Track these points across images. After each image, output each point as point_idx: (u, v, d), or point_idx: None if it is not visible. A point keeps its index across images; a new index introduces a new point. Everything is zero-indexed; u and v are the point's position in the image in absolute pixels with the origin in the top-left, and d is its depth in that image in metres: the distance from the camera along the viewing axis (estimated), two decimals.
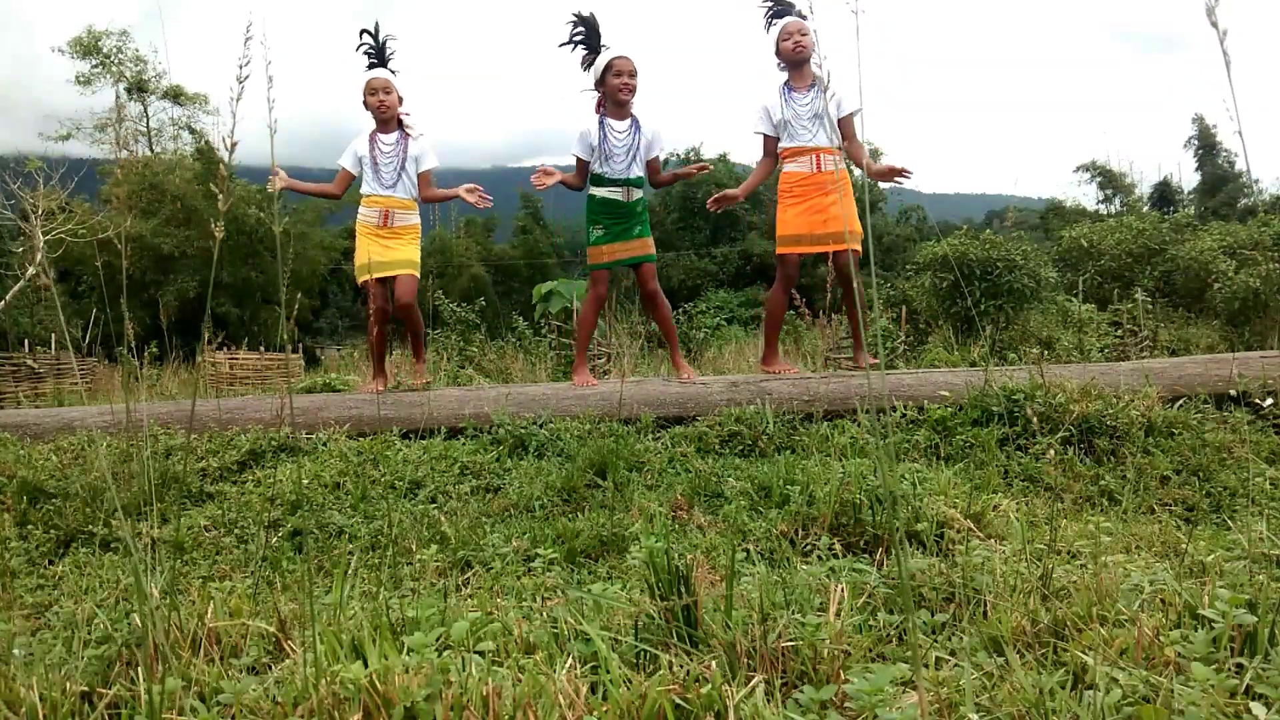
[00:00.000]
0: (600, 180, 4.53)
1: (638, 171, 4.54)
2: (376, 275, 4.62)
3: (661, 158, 4.71)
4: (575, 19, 4.52)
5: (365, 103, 4.68)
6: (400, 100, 4.72)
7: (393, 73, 4.72)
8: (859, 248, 4.53)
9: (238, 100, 1.45)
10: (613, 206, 4.53)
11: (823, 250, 4.48)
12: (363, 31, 4.69)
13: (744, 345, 10.97)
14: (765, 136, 4.61)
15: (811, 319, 5.80)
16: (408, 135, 4.72)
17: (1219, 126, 30.56)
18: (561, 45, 4.56)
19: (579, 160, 4.58)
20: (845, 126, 4.49)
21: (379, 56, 4.71)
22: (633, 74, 4.46)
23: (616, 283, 13.98)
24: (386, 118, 4.68)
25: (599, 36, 4.52)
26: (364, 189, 4.72)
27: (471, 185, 4.80)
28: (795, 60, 4.49)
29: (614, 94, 4.48)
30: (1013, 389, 3.68)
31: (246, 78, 1.47)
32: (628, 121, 4.52)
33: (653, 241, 4.67)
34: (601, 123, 4.52)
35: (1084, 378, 3.88)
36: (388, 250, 4.65)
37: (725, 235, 26.83)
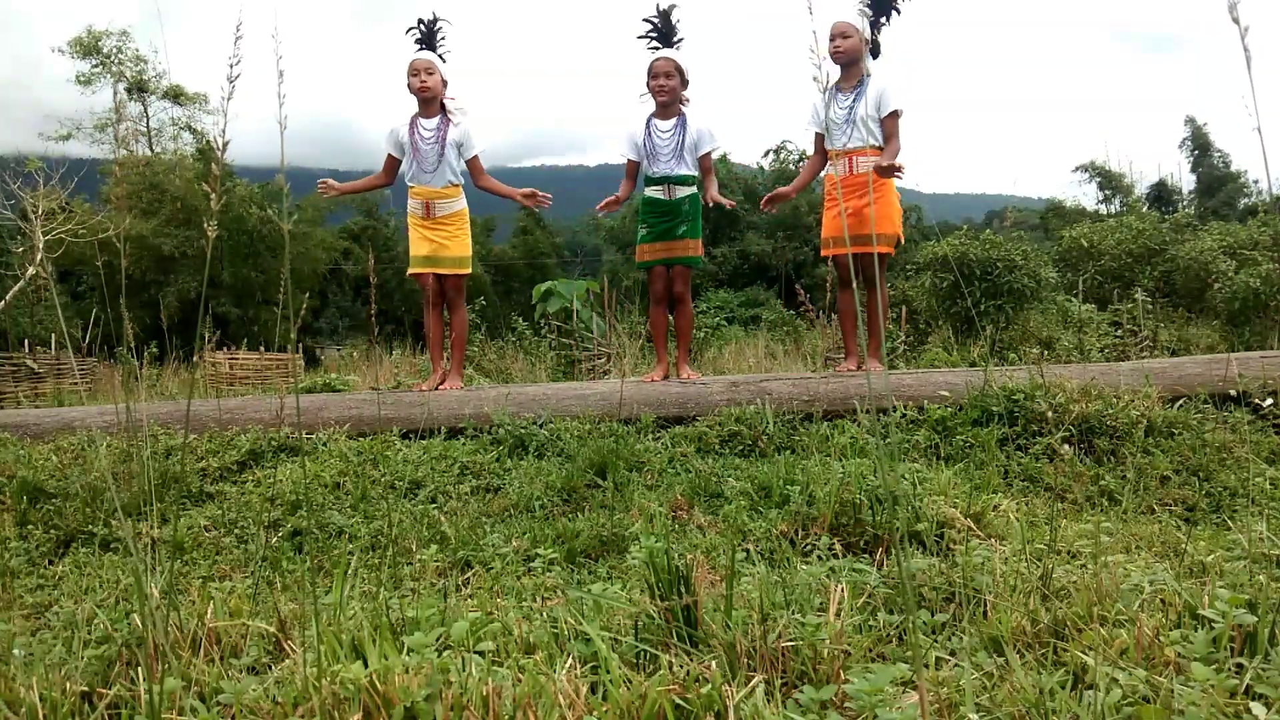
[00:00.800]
0: (648, 179, 4.60)
1: (683, 169, 4.54)
2: (425, 269, 4.61)
3: (715, 154, 4.70)
4: (651, 16, 4.52)
5: (408, 84, 4.61)
6: (445, 83, 4.64)
7: (441, 58, 4.63)
8: (889, 249, 4.51)
9: (229, 99, 1.45)
10: (656, 205, 4.57)
11: (857, 251, 4.43)
12: (419, 21, 4.63)
13: (744, 345, 10.97)
14: (815, 134, 4.62)
15: (813, 319, 5.80)
16: (449, 120, 4.63)
17: (1209, 125, 30.60)
18: (639, 38, 4.55)
19: (629, 162, 4.63)
20: (887, 125, 4.36)
21: (427, 39, 4.64)
22: (669, 75, 4.48)
23: (616, 283, 13.97)
24: (428, 99, 4.60)
25: (671, 33, 4.52)
26: (408, 179, 4.67)
27: (529, 190, 4.73)
28: (836, 63, 4.45)
29: (652, 95, 4.55)
30: (1013, 389, 3.68)
31: (238, 76, 1.47)
32: (673, 121, 4.54)
33: (699, 244, 4.65)
34: (648, 123, 4.58)
35: (1084, 378, 3.88)
36: (434, 245, 4.61)
37: (725, 235, 26.80)
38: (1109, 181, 28.19)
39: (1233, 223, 14.10)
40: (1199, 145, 30.32)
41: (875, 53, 4.47)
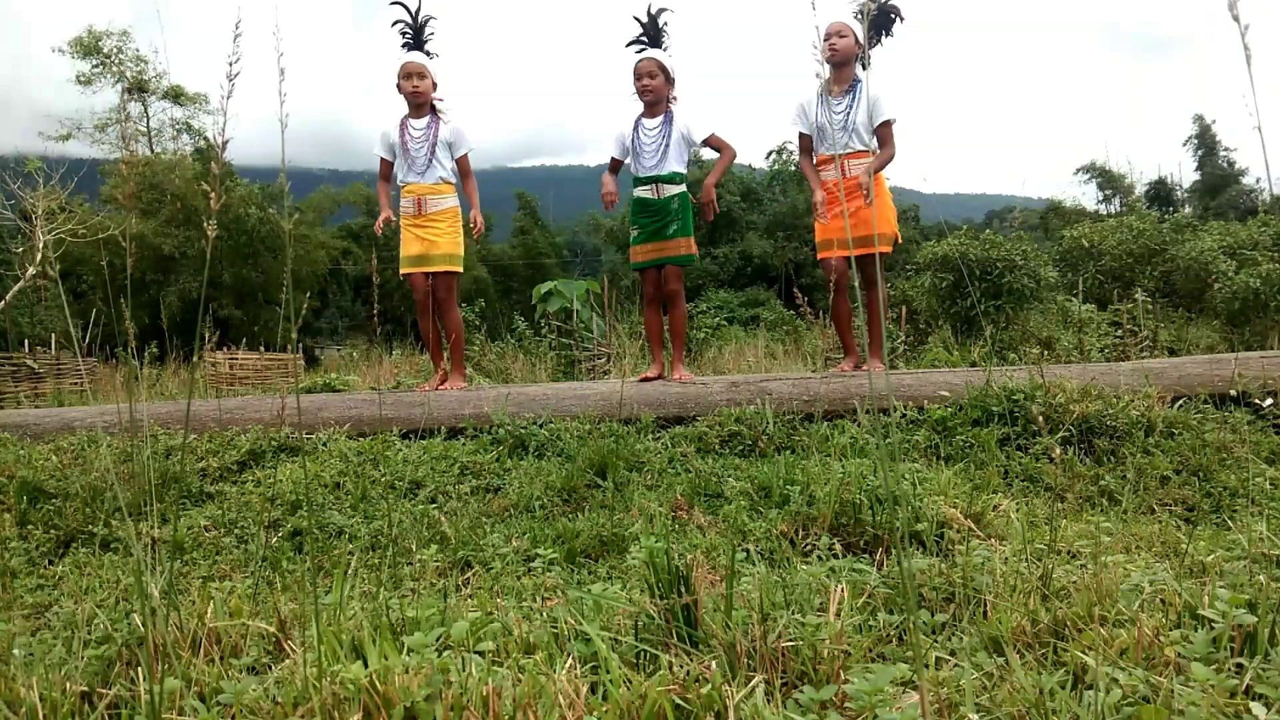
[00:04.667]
0: (635, 180, 4.61)
1: (670, 167, 4.53)
2: (417, 269, 4.60)
3: (714, 137, 4.66)
4: (638, 20, 4.54)
5: (398, 87, 4.60)
6: (435, 86, 4.63)
7: (429, 55, 4.62)
8: (888, 249, 4.51)
9: (228, 98, 1.45)
10: (645, 205, 4.58)
11: (857, 252, 4.42)
12: (394, 3, 4.55)
13: (744, 345, 10.98)
14: (800, 134, 4.60)
15: (813, 319, 5.80)
16: (439, 119, 4.64)
17: (1217, 122, 30.61)
18: (628, 45, 4.57)
19: (613, 160, 4.65)
20: (880, 133, 4.35)
21: (415, 38, 4.60)
22: (652, 75, 4.48)
23: (616, 283, 13.97)
24: (419, 103, 4.61)
25: (659, 36, 4.54)
26: (399, 178, 4.67)
27: (476, 218, 4.68)
28: (830, 63, 4.42)
29: (638, 96, 4.57)
30: (1013, 389, 3.68)
31: (237, 75, 1.46)
32: (659, 119, 4.54)
33: (691, 242, 4.62)
34: (636, 122, 4.59)
35: (1084, 378, 3.88)
36: (425, 243, 4.61)
37: (725, 235, 26.81)
38: (1109, 182, 28.20)
39: (1233, 223, 14.11)
40: (1205, 144, 30.34)
41: (864, 64, 4.45)
